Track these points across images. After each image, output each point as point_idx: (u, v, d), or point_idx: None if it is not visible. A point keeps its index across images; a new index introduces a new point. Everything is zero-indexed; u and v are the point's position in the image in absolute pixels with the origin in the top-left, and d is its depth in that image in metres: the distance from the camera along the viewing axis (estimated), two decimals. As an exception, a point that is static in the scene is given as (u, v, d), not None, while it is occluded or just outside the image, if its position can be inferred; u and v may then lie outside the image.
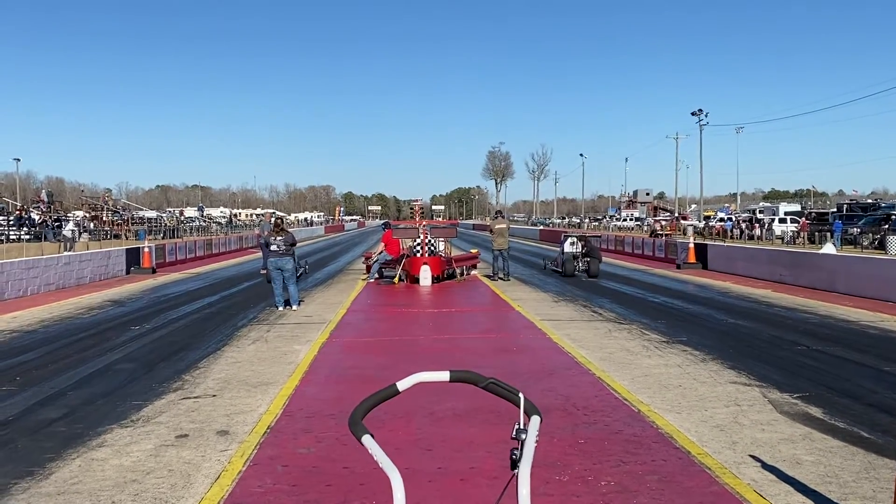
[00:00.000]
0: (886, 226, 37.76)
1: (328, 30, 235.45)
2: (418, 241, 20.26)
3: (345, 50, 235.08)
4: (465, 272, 22.05)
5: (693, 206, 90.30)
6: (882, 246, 35.37)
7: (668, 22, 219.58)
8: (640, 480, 5.08)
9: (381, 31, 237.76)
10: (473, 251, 26.04)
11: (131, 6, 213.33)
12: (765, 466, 5.37)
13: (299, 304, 15.01)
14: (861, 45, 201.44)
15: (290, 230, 16.41)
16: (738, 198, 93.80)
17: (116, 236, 48.38)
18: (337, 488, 4.97)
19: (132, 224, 57.54)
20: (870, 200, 60.60)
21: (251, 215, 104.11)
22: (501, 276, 20.71)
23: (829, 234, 38.19)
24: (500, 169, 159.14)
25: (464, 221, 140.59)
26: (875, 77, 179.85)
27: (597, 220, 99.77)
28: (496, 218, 23.43)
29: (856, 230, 39.61)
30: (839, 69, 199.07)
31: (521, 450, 1.89)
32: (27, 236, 41.37)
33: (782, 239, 44.80)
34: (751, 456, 5.61)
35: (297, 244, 16.53)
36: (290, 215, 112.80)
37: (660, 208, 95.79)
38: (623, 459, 5.52)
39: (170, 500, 4.83)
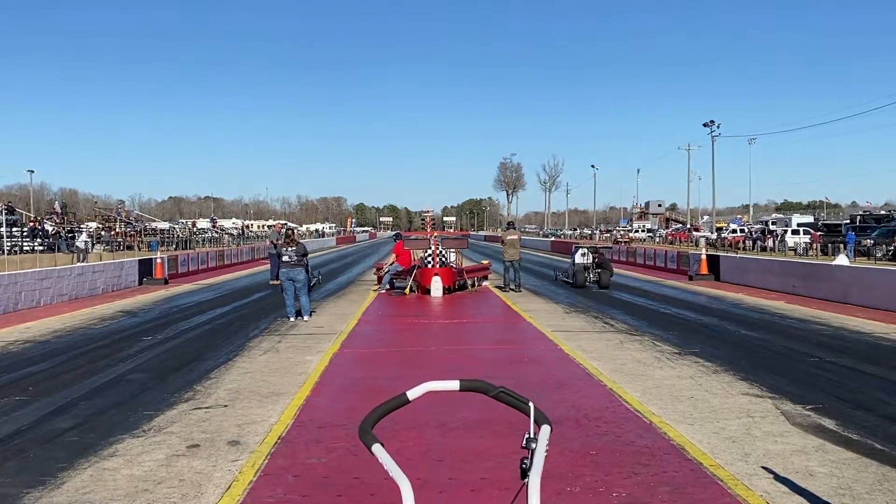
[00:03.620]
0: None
1: (340, 41, 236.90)
2: (429, 252, 20.27)
3: (357, 61, 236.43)
4: (476, 283, 22.04)
5: (705, 217, 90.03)
6: (895, 257, 35.16)
7: (681, 33, 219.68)
8: (652, 492, 5.05)
9: (392, 42, 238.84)
10: (485, 262, 26.05)
11: (144, 18, 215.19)
12: (777, 478, 5.33)
13: (311, 315, 15.04)
14: (875, 55, 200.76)
15: (301, 241, 16.46)
16: (751, 209, 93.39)
17: (129, 247, 48.64)
18: (348, 499, 4.97)
19: (145, 235, 57.84)
20: (883, 212, 60.17)
21: (263, 227, 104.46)
22: (513, 287, 20.69)
23: (842, 246, 37.98)
24: (511, 180, 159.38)
25: (475, 233, 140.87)
26: (889, 88, 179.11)
27: (608, 231, 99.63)
28: (508, 229, 23.43)
29: (869, 242, 39.38)
30: (853, 80, 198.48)
31: (531, 459, 1.89)
32: (41, 247, 41.65)
33: (795, 250, 44.58)
34: (763, 467, 5.58)
35: (309, 255, 16.57)
36: (301, 226, 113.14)
37: (672, 219, 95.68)
38: (635, 471, 5.49)
39: (181, 510, 4.84)
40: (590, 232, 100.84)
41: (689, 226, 77.68)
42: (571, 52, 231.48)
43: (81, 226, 53.46)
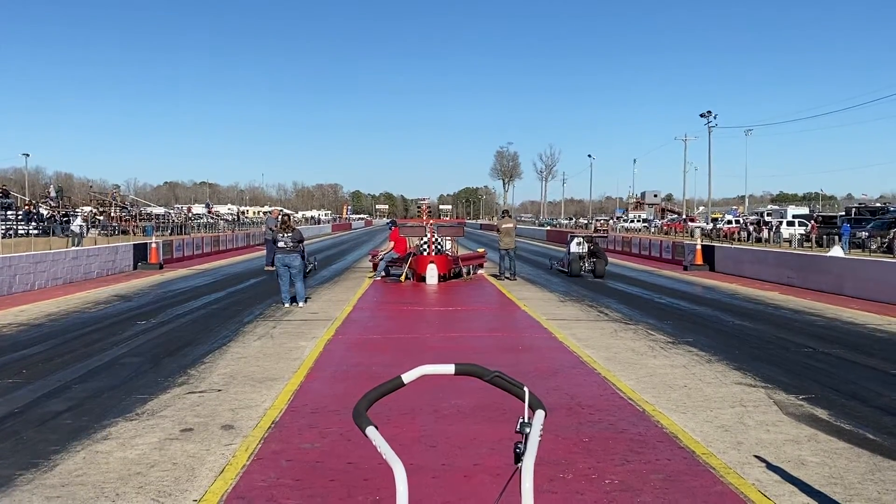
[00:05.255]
0: (894, 230, 37.60)
1: (336, 29, 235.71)
2: (425, 239, 20.26)
3: (353, 49, 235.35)
4: (471, 271, 22.04)
5: (701, 207, 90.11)
6: (890, 250, 35.27)
7: (677, 22, 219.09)
8: (645, 479, 5.07)
9: (389, 31, 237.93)
10: (480, 250, 26.01)
11: (139, 4, 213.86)
12: (769, 467, 5.35)
13: (306, 301, 15.03)
14: (871, 47, 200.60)
15: (297, 227, 16.43)
16: (747, 200, 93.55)
17: (124, 232, 48.49)
18: (341, 483, 4.98)
19: (140, 220, 57.63)
20: (878, 204, 60.32)
21: (259, 213, 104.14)
22: (508, 275, 20.69)
23: (837, 238, 38.07)
24: (508, 169, 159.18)
25: (471, 221, 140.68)
26: (886, 80, 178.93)
27: (605, 220, 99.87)
28: (503, 217, 23.40)
29: (864, 234, 39.48)
30: (849, 71, 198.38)
31: (525, 443, 1.89)
32: (35, 231, 41.48)
33: (790, 242, 44.67)
34: (756, 456, 5.60)
35: (305, 241, 16.55)
36: (297, 213, 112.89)
37: (667, 210, 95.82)
38: (627, 458, 5.51)
39: (174, 493, 4.84)
40: (586, 221, 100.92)
41: (684, 216, 77.81)
42: (568, 42, 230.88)
43: (76, 210, 53.22)
